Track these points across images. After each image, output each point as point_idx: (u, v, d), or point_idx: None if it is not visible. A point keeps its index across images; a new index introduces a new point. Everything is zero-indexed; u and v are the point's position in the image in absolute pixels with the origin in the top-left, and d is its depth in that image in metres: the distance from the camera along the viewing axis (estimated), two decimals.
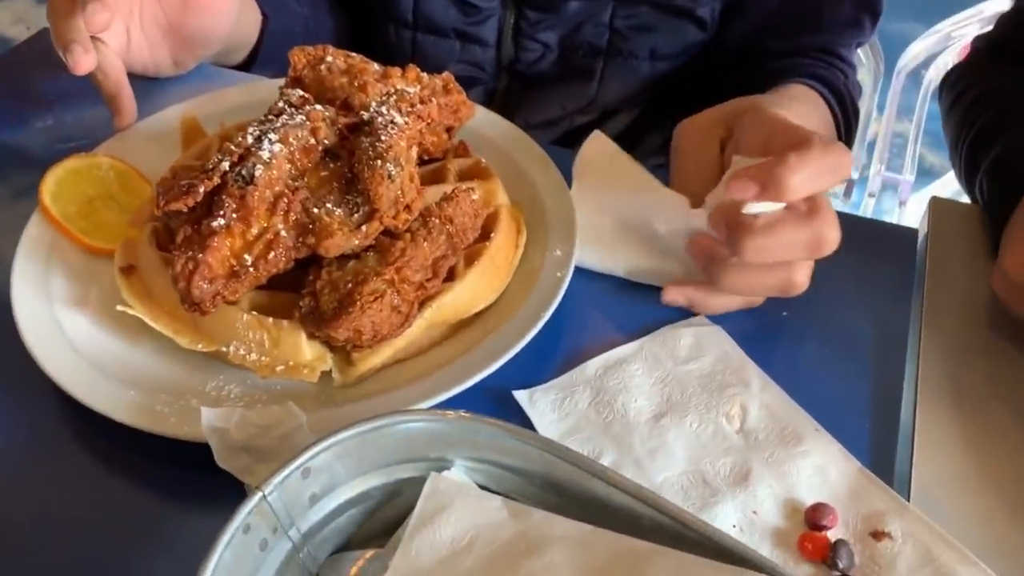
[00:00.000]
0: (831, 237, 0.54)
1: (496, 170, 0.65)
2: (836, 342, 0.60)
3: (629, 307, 0.61)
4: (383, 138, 0.54)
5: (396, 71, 0.65)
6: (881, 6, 0.85)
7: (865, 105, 1.01)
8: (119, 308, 0.53)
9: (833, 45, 0.85)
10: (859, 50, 0.95)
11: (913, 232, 0.68)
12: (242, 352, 0.52)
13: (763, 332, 0.60)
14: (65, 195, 0.62)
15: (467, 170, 0.65)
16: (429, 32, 0.91)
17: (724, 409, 0.54)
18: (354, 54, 0.67)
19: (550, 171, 0.67)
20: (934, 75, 1.10)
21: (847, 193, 1.09)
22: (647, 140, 0.97)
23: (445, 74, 0.67)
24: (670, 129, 0.98)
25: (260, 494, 0.39)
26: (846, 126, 0.78)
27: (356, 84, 0.63)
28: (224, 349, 0.53)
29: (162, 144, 0.68)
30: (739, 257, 0.55)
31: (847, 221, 0.69)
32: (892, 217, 1.14)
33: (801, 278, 0.56)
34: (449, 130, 0.65)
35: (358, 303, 0.49)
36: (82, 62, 0.65)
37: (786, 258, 0.55)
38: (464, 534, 0.41)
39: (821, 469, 0.51)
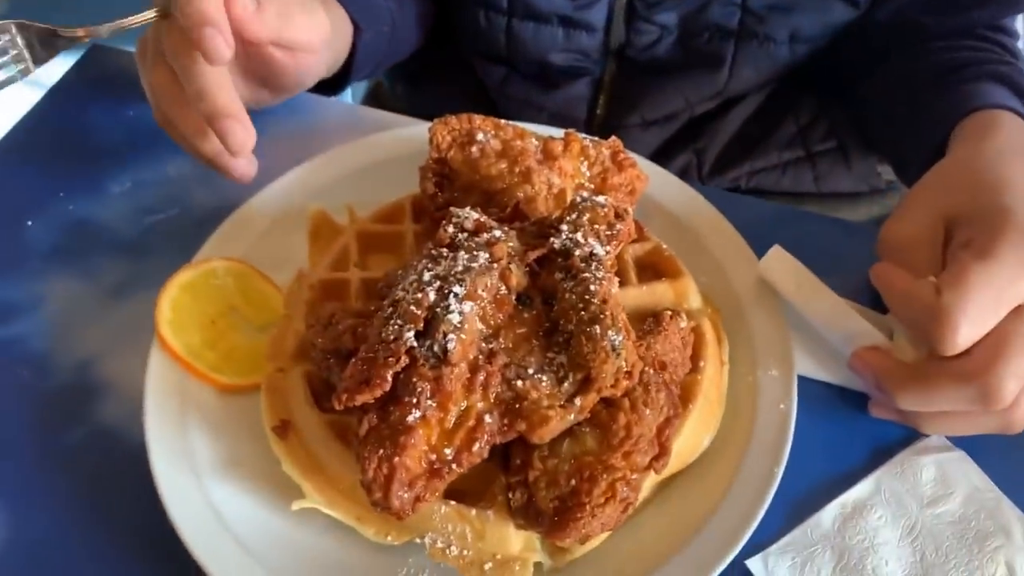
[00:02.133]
0: (1006, 390, 0.45)
1: (671, 247, 0.56)
2: None
3: (850, 423, 0.53)
4: (591, 287, 0.44)
5: (557, 146, 0.54)
6: None
7: None
8: (295, 507, 0.45)
9: (996, 19, 0.73)
10: None
11: None
12: (440, 545, 0.45)
13: (1009, 454, 0.52)
14: (184, 322, 0.52)
15: (645, 259, 0.55)
16: (527, 18, 0.79)
17: (989, 570, 0.47)
18: (504, 122, 0.56)
19: (741, 253, 0.57)
20: None
21: None
22: (781, 129, 0.85)
23: (612, 140, 0.57)
24: (806, 115, 0.88)
25: None
26: None
27: (518, 171, 0.52)
28: (418, 541, 0.45)
29: (278, 229, 0.58)
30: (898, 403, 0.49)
31: None
32: None
33: (1019, 417, 0.48)
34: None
35: (587, 507, 0.41)
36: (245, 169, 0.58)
37: (953, 409, 0.48)
38: None
39: None
